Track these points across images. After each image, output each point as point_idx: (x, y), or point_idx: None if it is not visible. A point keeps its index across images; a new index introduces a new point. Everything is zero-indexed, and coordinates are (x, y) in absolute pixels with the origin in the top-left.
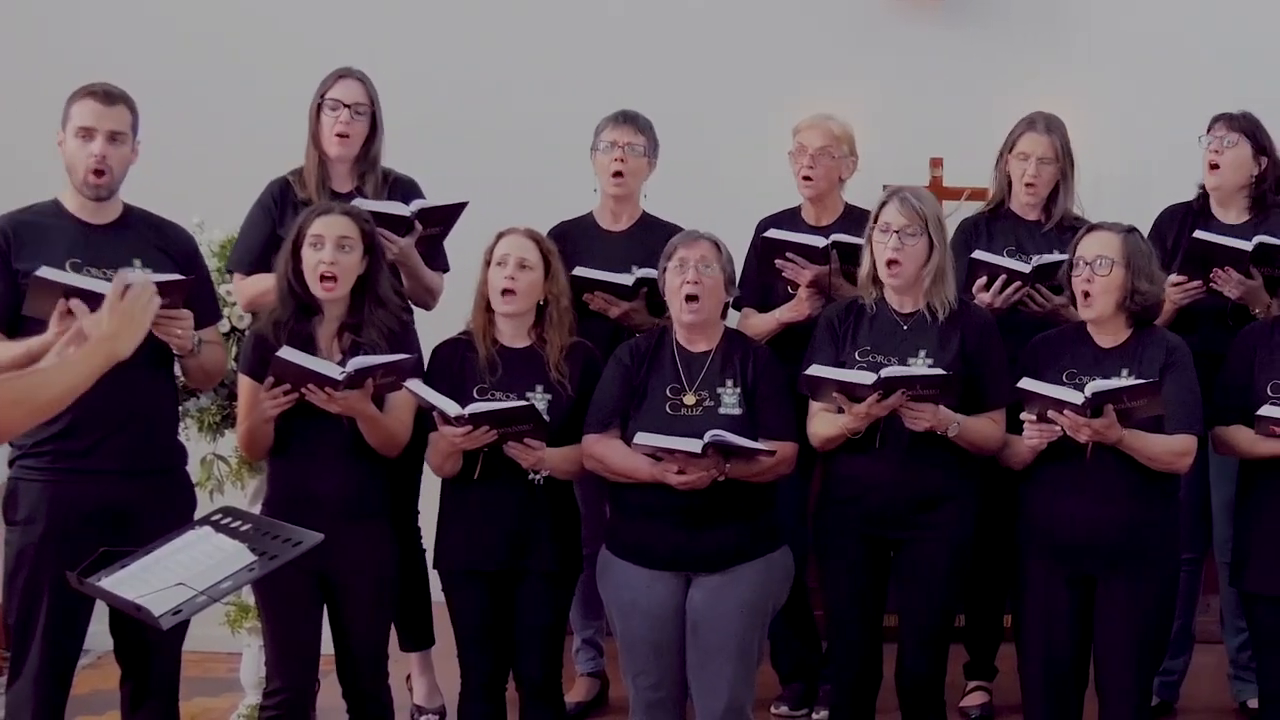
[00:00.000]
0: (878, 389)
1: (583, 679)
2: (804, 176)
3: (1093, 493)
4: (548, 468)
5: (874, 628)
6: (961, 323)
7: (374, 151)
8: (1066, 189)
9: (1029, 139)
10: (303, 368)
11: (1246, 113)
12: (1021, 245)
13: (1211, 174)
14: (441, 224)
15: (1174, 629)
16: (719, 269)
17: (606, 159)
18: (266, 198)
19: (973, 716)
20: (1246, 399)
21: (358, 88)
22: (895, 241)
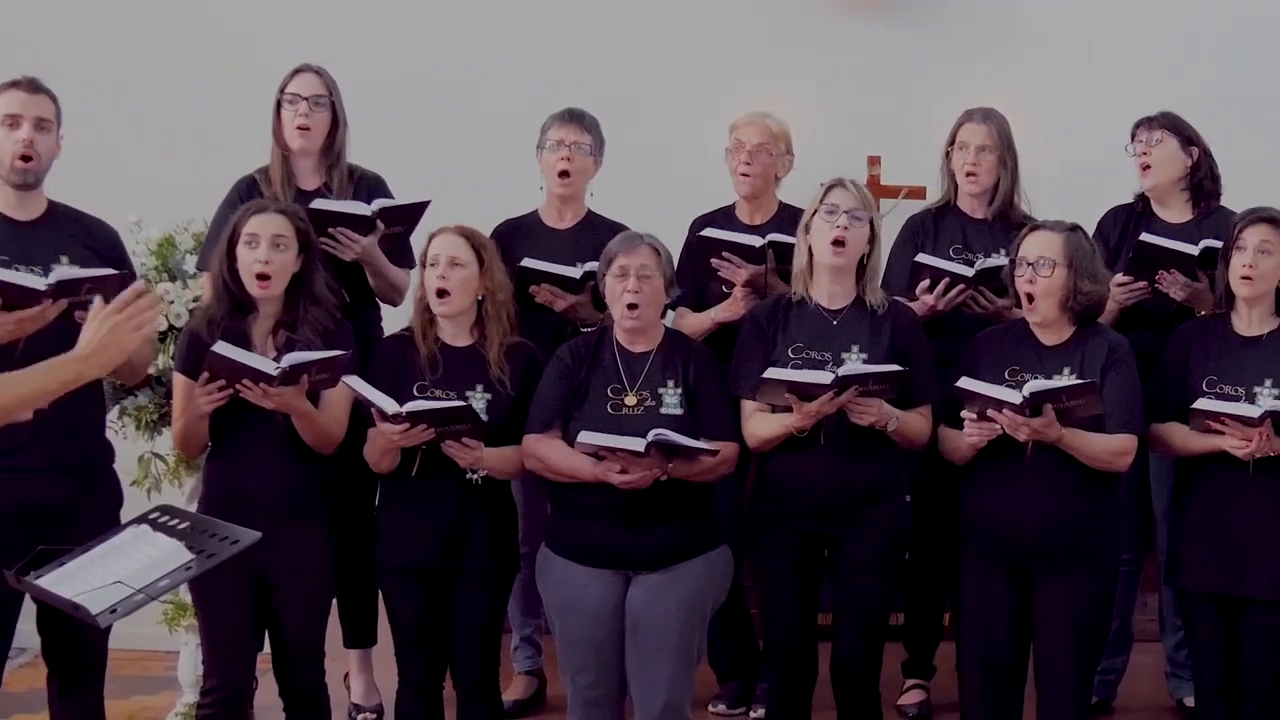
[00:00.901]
0: (834, 388)
1: (520, 677)
2: (741, 173)
3: (1032, 490)
4: (485, 467)
5: (809, 625)
6: (890, 318)
7: (337, 144)
8: (1007, 176)
9: (968, 129)
10: (237, 363)
11: (1164, 111)
12: (968, 243)
13: (1145, 175)
14: (404, 222)
15: (1113, 628)
16: (659, 274)
17: (553, 157)
18: (234, 196)
19: (910, 715)
20: (1182, 396)
21: (315, 80)
22: (844, 220)
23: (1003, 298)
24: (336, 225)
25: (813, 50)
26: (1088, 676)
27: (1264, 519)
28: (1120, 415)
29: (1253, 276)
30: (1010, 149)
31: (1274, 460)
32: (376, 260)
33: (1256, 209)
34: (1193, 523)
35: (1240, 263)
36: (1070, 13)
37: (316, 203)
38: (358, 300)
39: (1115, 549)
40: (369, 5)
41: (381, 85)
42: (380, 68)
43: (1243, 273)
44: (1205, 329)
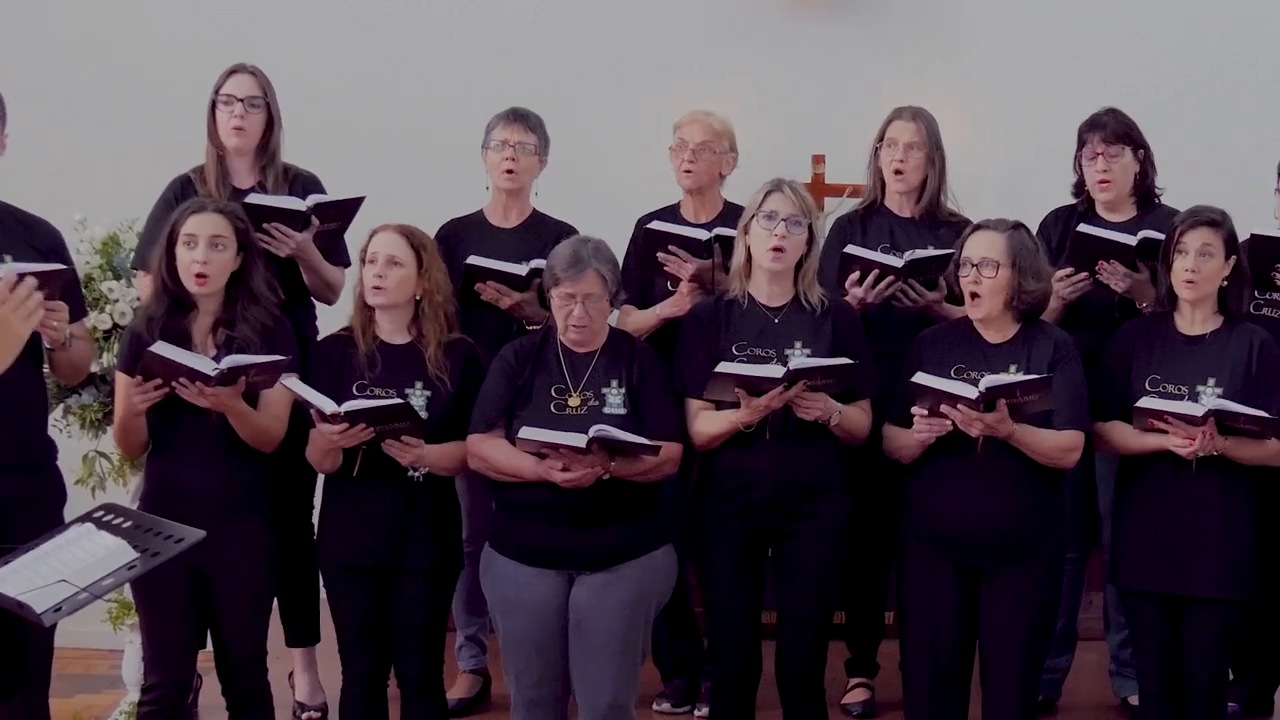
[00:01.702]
0: (785, 381)
1: (465, 676)
2: (684, 170)
3: (980, 487)
4: (426, 465)
5: (754, 623)
6: (831, 315)
7: (273, 144)
8: (935, 175)
9: (896, 126)
10: (175, 363)
11: (1113, 113)
12: (896, 242)
13: (1103, 189)
14: (339, 219)
15: (1058, 627)
16: (605, 294)
17: (498, 157)
18: (169, 195)
19: (855, 713)
20: (1125, 395)
21: (250, 81)
22: (782, 229)
23: (932, 291)
24: (271, 220)
25: (757, 49)
26: (1033, 675)
27: (1207, 518)
28: (1067, 412)
29: (1195, 280)
30: (938, 147)
31: (1217, 459)
32: (311, 257)
33: (1196, 211)
34: (1136, 521)
35: (1182, 266)
36: (1012, 12)
37: (251, 197)
38: (292, 298)
39: (1061, 546)
40: (312, 5)
41: (325, 85)
42: (324, 68)
43: (1185, 277)
44: (1148, 328)
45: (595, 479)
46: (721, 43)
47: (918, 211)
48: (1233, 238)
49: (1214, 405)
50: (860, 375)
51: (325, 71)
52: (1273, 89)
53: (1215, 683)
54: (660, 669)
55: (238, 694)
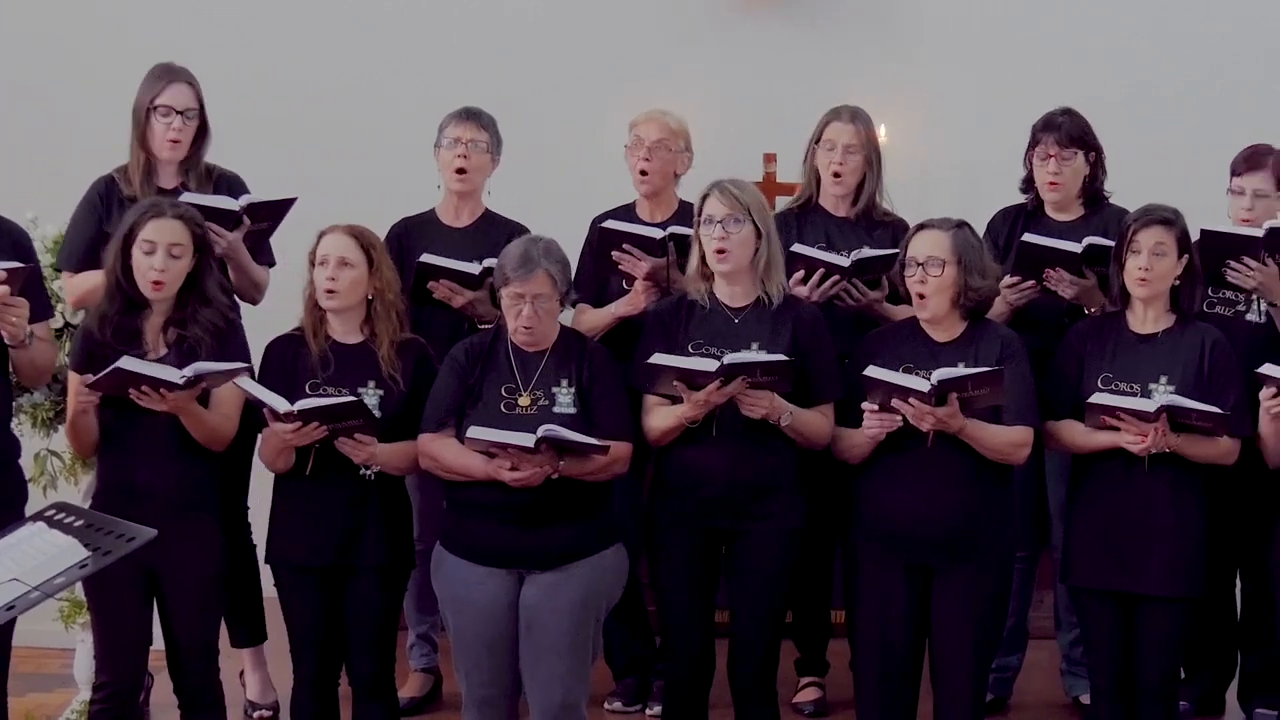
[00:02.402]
0: (720, 375)
1: (416, 675)
2: (640, 169)
3: (929, 484)
4: (378, 463)
5: (707, 622)
6: (792, 316)
7: (201, 152)
8: (873, 178)
9: (834, 128)
10: (144, 376)
11: (1068, 114)
12: (831, 240)
13: (1052, 190)
14: (270, 219)
15: (1008, 625)
16: (554, 295)
17: (450, 155)
18: (93, 195)
19: (807, 712)
20: (1077, 393)
21: (188, 93)
22: (719, 231)
23: (875, 290)
24: (204, 219)
25: (710, 48)
26: (983, 673)
27: (1159, 515)
28: (1015, 408)
29: (1148, 279)
30: (876, 150)
31: (1169, 456)
32: (241, 256)
33: (1149, 210)
34: (1088, 519)
35: (1135, 265)
36: (964, 11)
37: (186, 196)
38: None
39: (1010, 544)
40: (262, 3)
41: (280, 84)
42: (279, 67)
43: (1138, 275)
44: (1101, 327)
45: (544, 478)
46: (675, 42)
47: (853, 212)
48: (1185, 236)
49: (1166, 401)
50: (820, 379)
51: (277, 70)
52: (1227, 87)
53: (1167, 681)
54: (612, 668)
55: (189, 692)
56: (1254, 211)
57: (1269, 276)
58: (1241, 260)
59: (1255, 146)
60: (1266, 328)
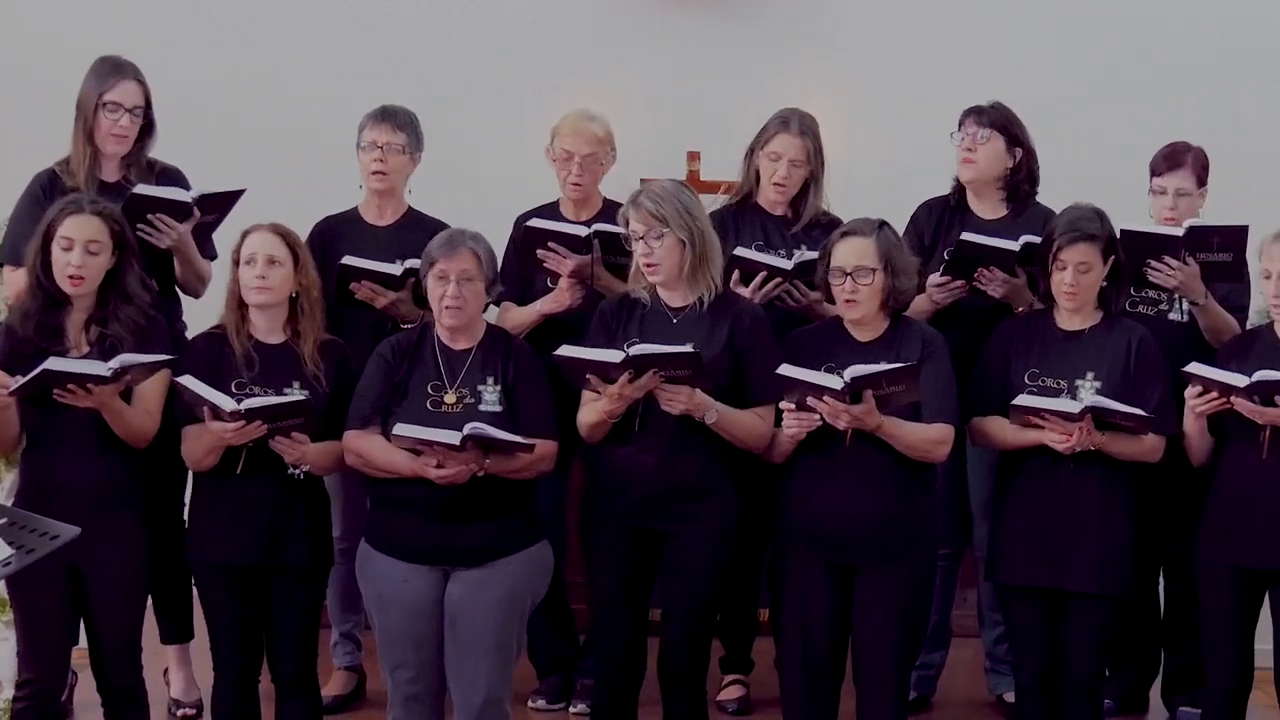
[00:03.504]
0: (627, 368)
1: (340, 673)
2: (572, 183)
3: (851, 483)
4: (308, 462)
5: (639, 621)
6: (732, 316)
7: (146, 148)
8: (816, 189)
9: (782, 140)
10: (72, 374)
11: (997, 104)
12: (769, 240)
13: (966, 167)
14: (217, 211)
15: (931, 623)
16: (480, 276)
17: (367, 158)
18: (35, 189)
19: (731, 710)
20: (1004, 390)
21: (137, 91)
22: (643, 247)
23: (814, 291)
24: (156, 211)
25: (634, 45)
26: (906, 671)
27: (1085, 512)
28: (936, 405)
29: (1075, 293)
30: (820, 160)
31: (1096, 453)
32: (189, 249)
33: (1074, 222)
34: (1014, 516)
35: (1062, 281)
36: (889, 10)
37: (139, 188)
38: (161, 291)
39: (932, 542)
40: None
41: (199, 82)
42: (199, 64)
43: (1066, 290)
44: (1027, 323)
45: (470, 476)
46: (599, 40)
47: (790, 212)
48: (1111, 241)
49: (1091, 402)
50: (757, 381)
51: (197, 67)
52: (1153, 86)
53: (1092, 679)
54: (535, 666)
55: (113, 690)
56: (1177, 210)
57: (1190, 276)
58: (1162, 260)
59: (1174, 145)
60: (1189, 326)
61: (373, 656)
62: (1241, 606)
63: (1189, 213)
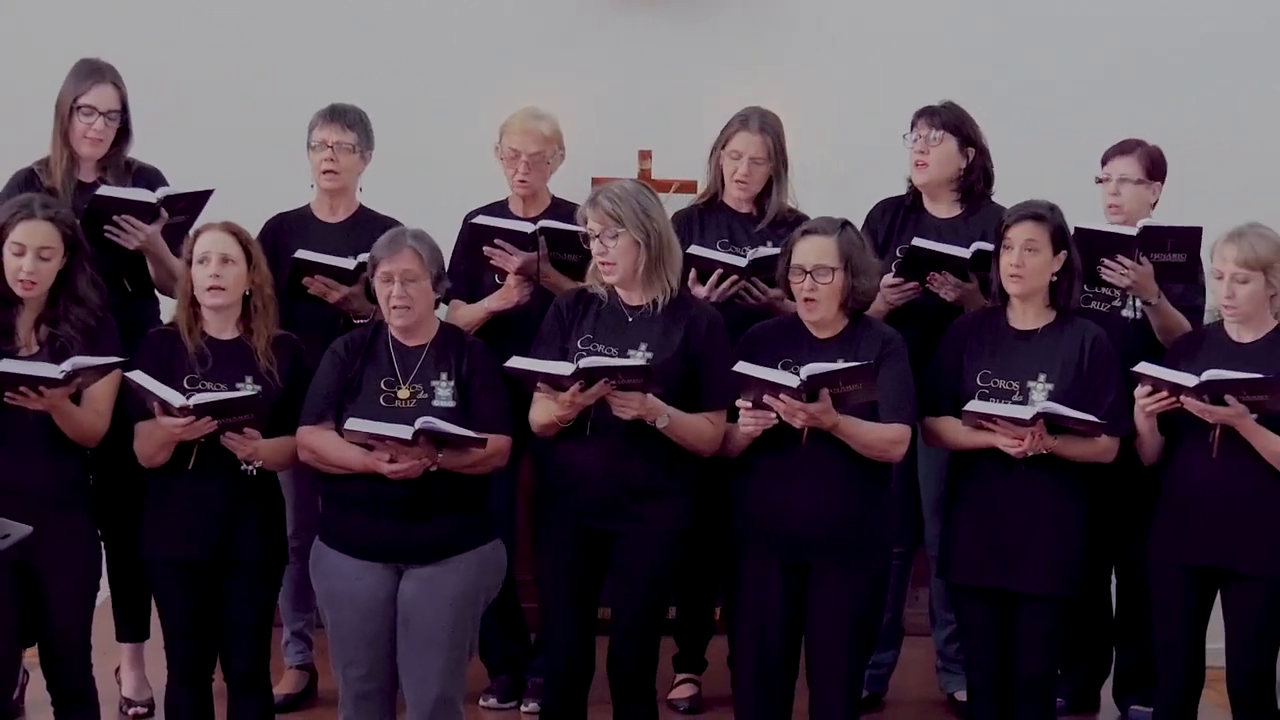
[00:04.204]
0: (578, 379)
1: (292, 671)
2: (519, 181)
3: (806, 481)
4: (260, 458)
5: (588, 620)
6: (688, 319)
7: (123, 151)
8: (780, 186)
9: (742, 138)
10: (21, 375)
11: (949, 104)
12: (734, 238)
13: (919, 171)
14: (187, 211)
15: (884, 622)
16: (425, 274)
17: (318, 157)
18: (13, 187)
19: (682, 709)
20: (956, 390)
21: (113, 94)
22: (599, 246)
23: (774, 288)
24: (121, 213)
25: (585, 44)
26: (859, 670)
27: (1037, 513)
28: (893, 405)
29: (1021, 275)
30: (783, 157)
31: (1048, 455)
32: (159, 249)
33: (1023, 206)
34: (966, 517)
35: (1008, 261)
36: (840, 9)
37: (103, 190)
38: (137, 291)
39: (887, 542)
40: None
41: (154, 80)
42: (153, 62)
43: (1011, 271)
44: (980, 323)
45: (423, 471)
46: (549, 39)
47: (755, 209)
48: (1061, 232)
49: (1042, 408)
50: (711, 385)
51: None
52: (1103, 85)
53: (1044, 678)
54: (487, 664)
55: (63, 689)
56: (1120, 197)
57: (1143, 275)
58: (1115, 259)
59: (1126, 139)
60: (1141, 324)
61: (324, 655)
62: (1192, 605)
63: (1133, 202)
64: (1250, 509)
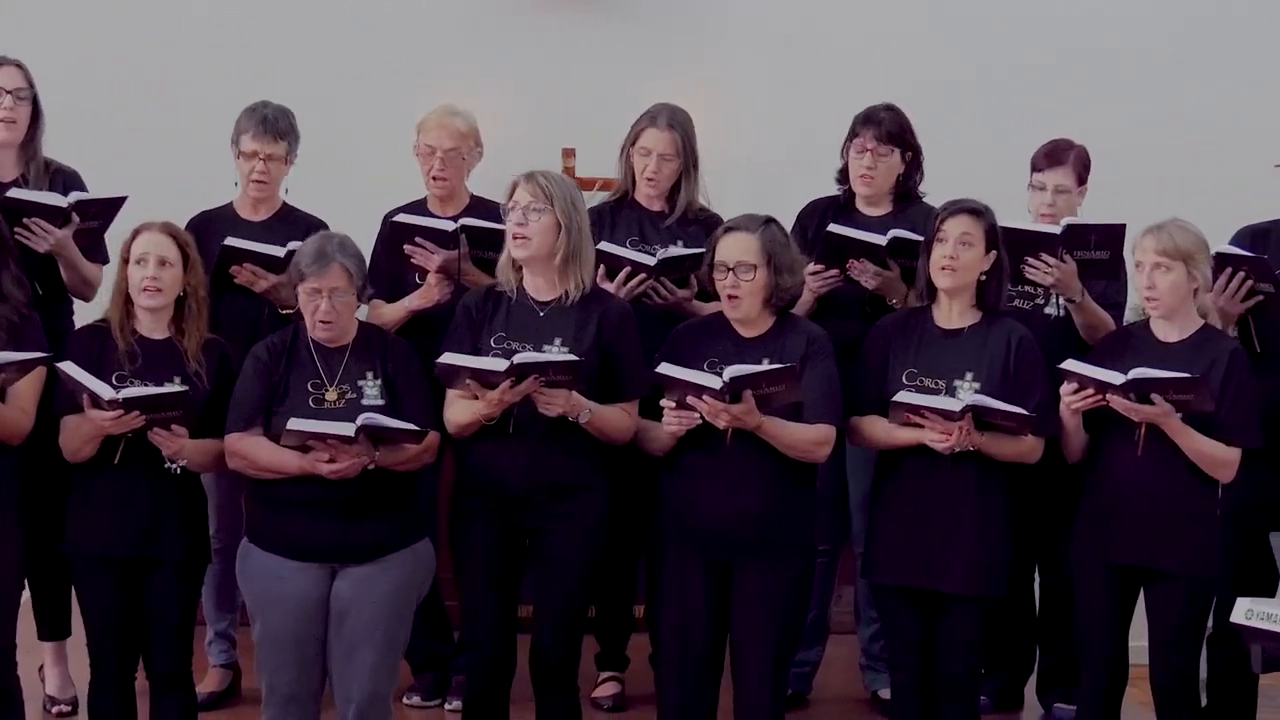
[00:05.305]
0: (510, 375)
1: (215, 670)
2: (436, 178)
3: (730, 481)
4: (185, 457)
5: (508, 616)
6: (599, 311)
7: (37, 138)
8: (689, 182)
9: (651, 135)
10: None
11: (891, 111)
12: (645, 235)
13: (864, 184)
14: (100, 216)
15: (808, 620)
16: (350, 288)
17: (247, 166)
18: None
19: (606, 707)
20: (882, 389)
21: (17, 73)
22: (519, 217)
23: (683, 289)
24: (31, 215)
25: (509, 42)
26: (783, 668)
27: (962, 514)
28: (818, 405)
29: (954, 268)
30: (693, 153)
31: (973, 454)
32: (70, 254)
33: (957, 200)
34: (891, 516)
35: (941, 254)
36: (764, 8)
37: (12, 192)
38: (49, 294)
39: (812, 541)
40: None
41: (73, 80)
42: (72, 62)
43: (943, 264)
44: (906, 322)
45: (361, 469)
46: (472, 37)
47: (667, 207)
48: (994, 231)
49: (971, 400)
50: (625, 375)
51: (78, 65)
52: (1029, 82)
53: (968, 676)
54: (410, 662)
55: None
56: (1055, 207)
57: (1066, 273)
58: (1039, 257)
59: (1055, 142)
60: (1064, 322)
61: (248, 654)
62: (1115, 604)
63: (1067, 210)
64: (1174, 508)
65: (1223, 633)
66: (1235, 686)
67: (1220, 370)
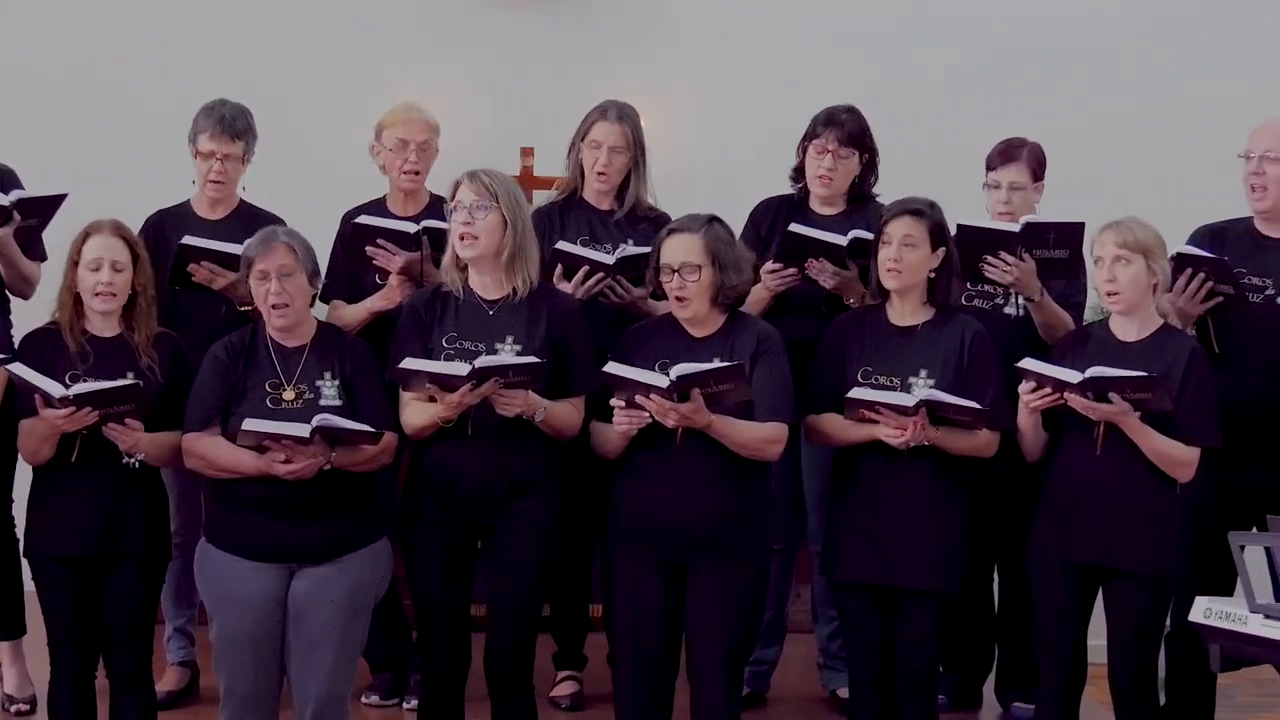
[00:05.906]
0: (472, 379)
1: (174, 668)
2: (411, 171)
3: (682, 480)
4: (141, 450)
5: (462, 615)
6: (547, 308)
7: None
8: (638, 178)
9: (601, 128)
10: None
11: (852, 113)
12: (595, 234)
13: (822, 184)
14: (40, 214)
15: (766, 619)
16: (299, 269)
17: (205, 166)
18: None
19: (564, 706)
20: (838, 387)
21: None
22: (465, 216)
23: (639, 287)
24: None
25: (466, 42)
26: (739, 668)
27: (919, 510)
28: (770, 403)
29: (899, 269)
30: (641, 148)
31: (929, 449)
32: (11, 252)
33: (902, 202)
34: (848, 513)
35: (886, 256)
36: (722, 7)
37: None
38: None
39: (767, 539)
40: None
41: (27, 78)
42: (27, 60)
43: (888, 266)
44: (860, 320)
45: (317, 470)
46: (431, 37)
47: (616, 204)
48: (940, 229)
49: (924, 395)
50: (574, 371)
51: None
52: (988, 82)
53: (926, 674)
54: (369, 661)
55: None
56: (1011, 204)
57: (1025, 272)
58: (998, 255)
59: (1009, 140)
60: (1024, 321)
61: (206, 651)
62: (1073, 603)
63: (1024, 207)
64: (1132, 507)
65: (1181, 632)
66: (1194, 685)
67: (1179, 369)
